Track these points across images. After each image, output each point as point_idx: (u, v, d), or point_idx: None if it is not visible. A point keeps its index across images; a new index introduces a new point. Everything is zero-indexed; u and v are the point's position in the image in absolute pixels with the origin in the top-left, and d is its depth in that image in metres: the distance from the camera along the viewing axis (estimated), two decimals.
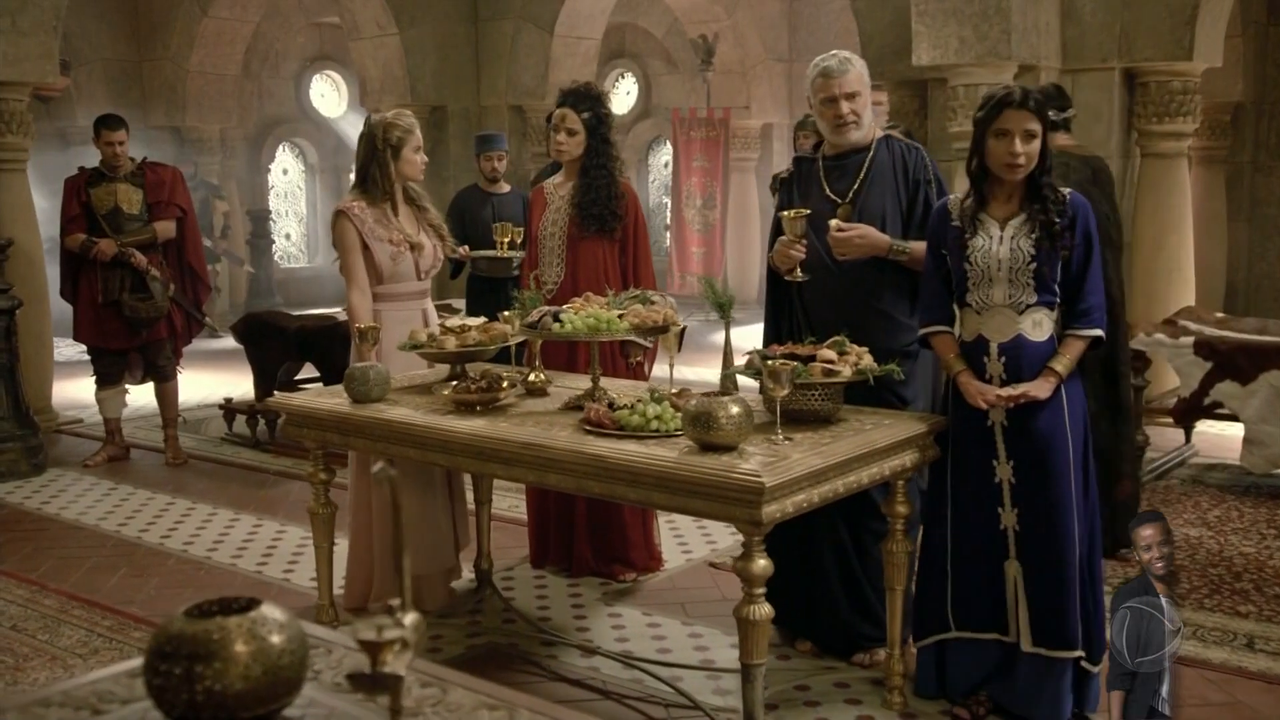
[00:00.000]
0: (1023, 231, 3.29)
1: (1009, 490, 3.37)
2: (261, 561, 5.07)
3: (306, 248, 16.31)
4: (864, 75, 3.78)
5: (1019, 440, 3.34)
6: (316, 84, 15.98)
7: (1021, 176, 3.27)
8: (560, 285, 4.59)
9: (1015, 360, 3.32)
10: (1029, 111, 3.23)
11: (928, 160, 3.83)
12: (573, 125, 4.54)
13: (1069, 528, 3.30)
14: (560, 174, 4.78)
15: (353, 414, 3.68)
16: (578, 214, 4.58)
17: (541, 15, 9.94)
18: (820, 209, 3.78)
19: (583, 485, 3.20)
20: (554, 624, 4.29)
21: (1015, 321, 3.32)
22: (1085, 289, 3.32)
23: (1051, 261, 3.27)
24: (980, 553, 3.42)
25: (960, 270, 3.37)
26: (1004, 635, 3.43)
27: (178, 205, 6.59)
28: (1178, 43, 7.03)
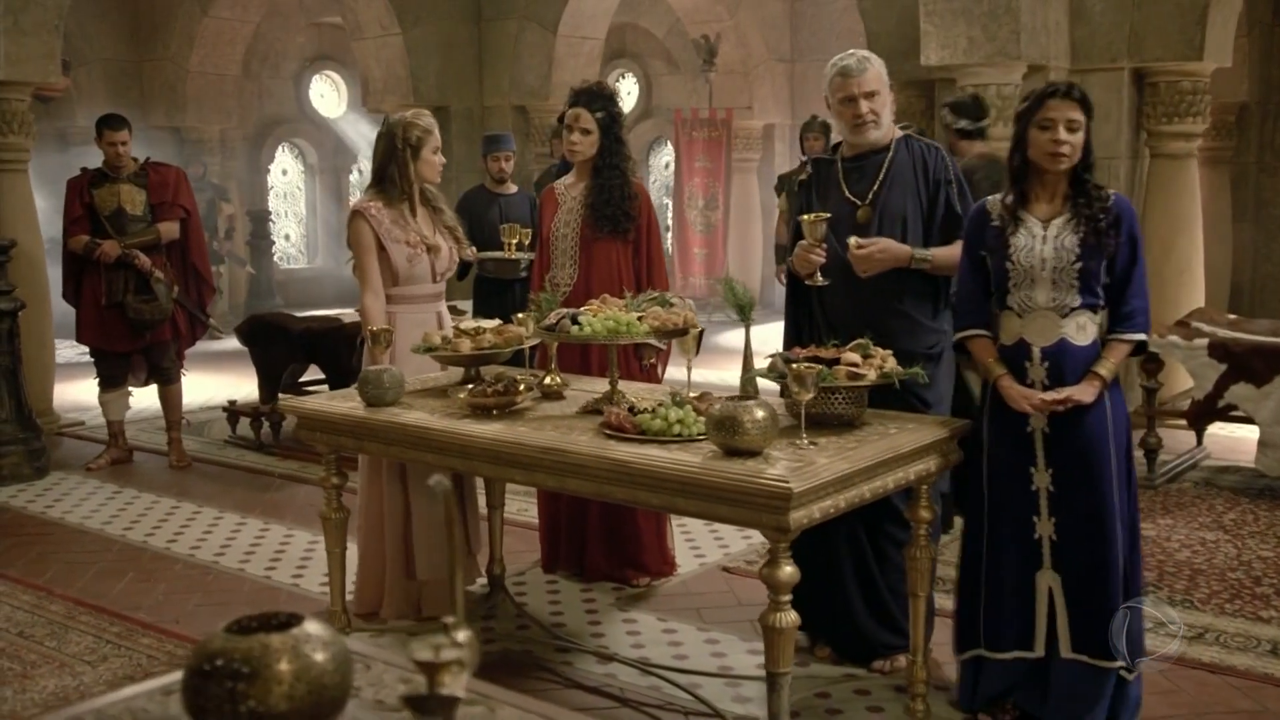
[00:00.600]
0: (1067, 229, 3.24)
1: (1046, 498, 3.30)
2: (270, 566, 5.01)
3: (306, 249, 16.25)
4: (883, 74, 3.74)
5: (1060, 447, 3.28)
6: (316, 84, 15.92)
7: (1066, 166, 3.22)
8: (574, 287, 4.53)
9: (1058, 365, 3.26)
10: (1073, 101, 3.20)
11: (948, 160, 3.78)
12: (587, 125, 4.48)
13: (1112, 535, 3.24)
14: (571, 174, 4.73)
15: (368, 418, 3.63)
16: (591, 215, 4.53)
17: (545, 15, 9.89)
18: (839, 211, 3.74)
19: (604, 490, 3.15)
20: (568, 630, 4.24)
21: (1058, 325, 3.26)
22: (1129, 291, 3.26)
23: (1096, 261, 3.21)
24: (1011, 564, 3.35)
25: (1002, 270, 3.30)
26: (1027, 652, 3.35)
27: (181, 206, 6.53)
28: (1188, 42, 6.99)
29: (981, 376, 3.47)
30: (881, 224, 3.71)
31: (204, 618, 4.40)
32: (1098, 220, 3.20)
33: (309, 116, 15.75)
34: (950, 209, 3.71)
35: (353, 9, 10.00)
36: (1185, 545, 5.00)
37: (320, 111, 15.89)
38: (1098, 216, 3.20)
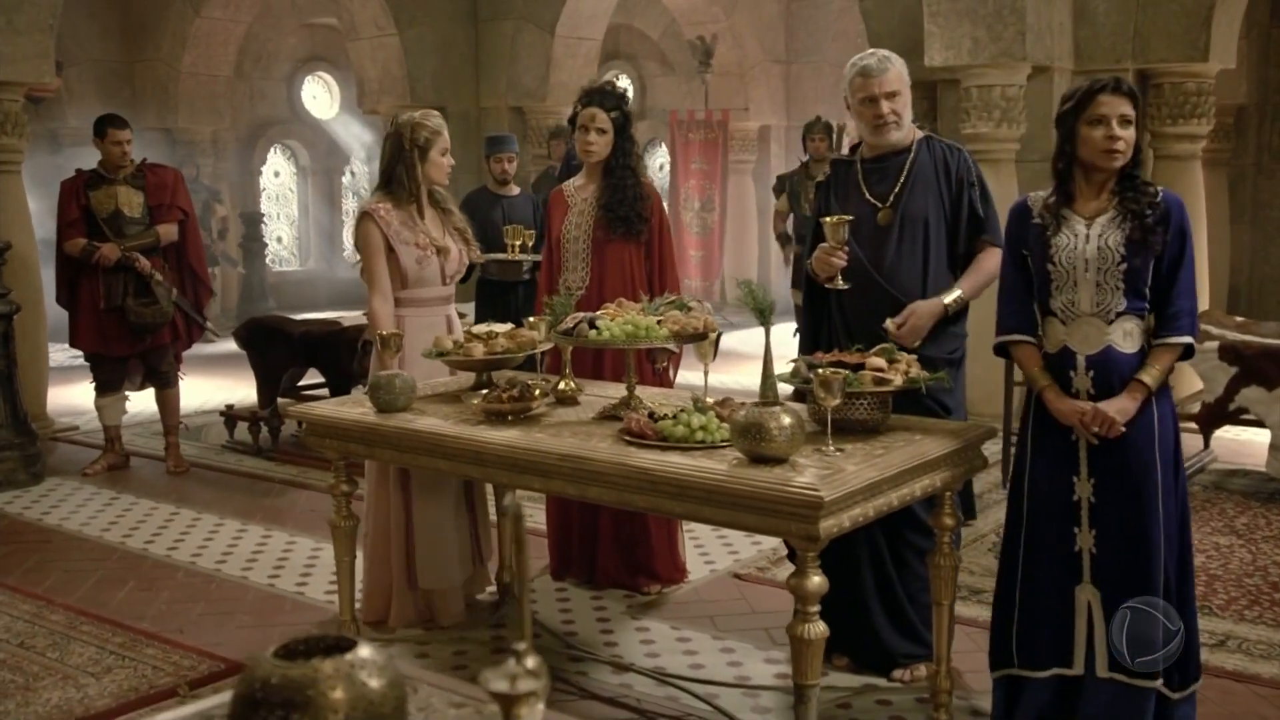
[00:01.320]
0: (1112, 227, 3.09)
1: (1087, 509, 3.17)
2: (273, 574, 4.93)
3: (298, 251, 16.14)
4: (904, 74, 3.68)
5: (1103, 456, 3.13)
6: (308, 85, 15.81)
7: (1121, 164, 3.08)
8: (586, 289, 4.47)
9: (1105, 374, 3.11)
10: (1124, 96, 3.06)
11: (970, 161, 3.71)
12: (603, 124, 4.42)
13: (1155, 550, 3.09)
14: (581, 176, 4.65)
15: (379, 424, 3.56)
16: (604, 216, 4.46)
17: (542, 16, 9.82)
18: (860, 213, 3.68)
19: (625, 499, 3.08)
20: (581, 639, 4.17)
21: (1104, 332, 3.11)
22: (1175, 291, 3.09)
23: (1144, 261, 3.06)
24: (1049, 577, 3.22)
25: (1043, 272, 3.16)
26: (1065, 669, 3.22)
27: (180, 208, 6.45)
28: (1193, 44, 6.97)
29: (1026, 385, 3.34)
30: (903, 227, 3.65)
31: (208, 627, 4.32)
32: (1145, 216, 3.05)
33: (301, 118, 15.65)
34: (973, 211, 3.66)
35: (348, 9, 9.93)
36: (1199, 550, 4.95)
37: (312, 113, 15.78)
38: (1145, 212, 3.06)
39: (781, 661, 3.92)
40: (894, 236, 3.66)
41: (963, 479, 3.30)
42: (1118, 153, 3.07)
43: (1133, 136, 3.08)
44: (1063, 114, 3.15)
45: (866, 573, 3.73)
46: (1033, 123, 7.12)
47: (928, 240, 3.65)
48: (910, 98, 3.71)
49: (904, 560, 3.73)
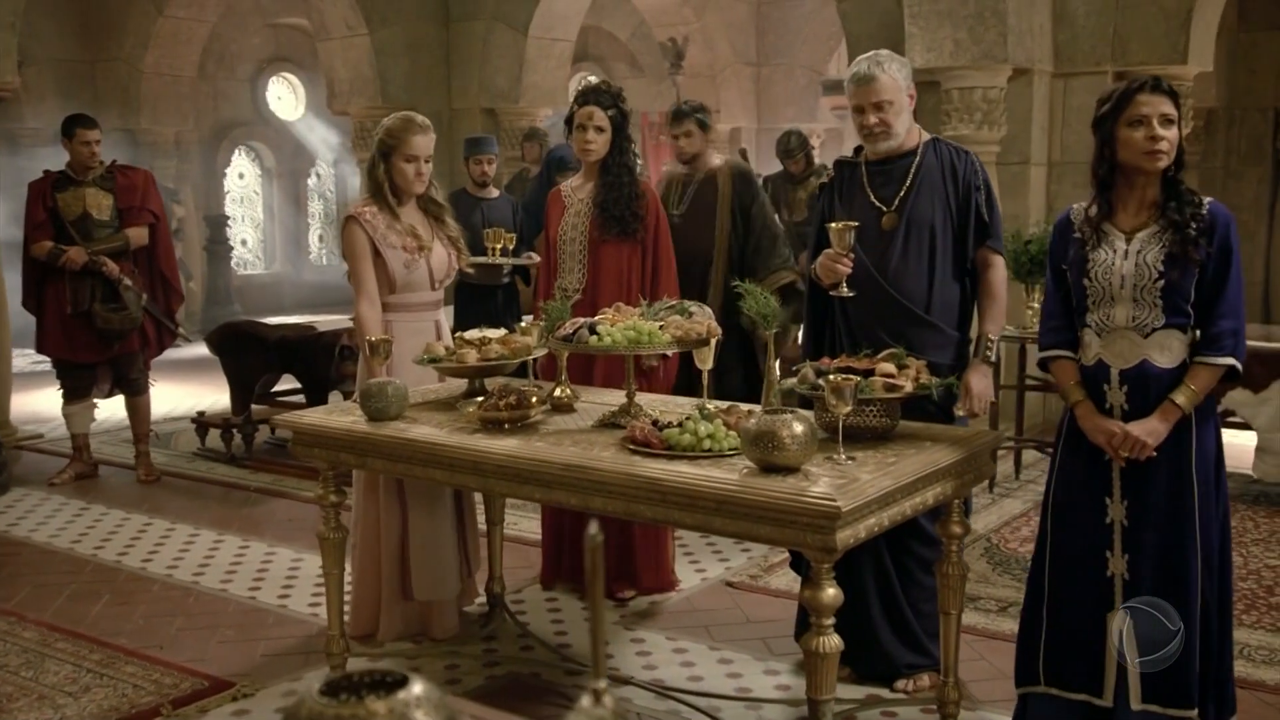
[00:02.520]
0: (1152, 244, 2.96)
1: (1120, 533, 3.05)
2: (254, 586, 4.80)
3: (264, 254, 15.93)
4: (899, 79, 3.55)
5: (1138, 478, 3.01)
6: (273, 86, 15.62)
7: (1165, 164, 2.93)
8: (582, 291, 4.40)
9: (1140, 390, 2.99)
10: (1164, 94, 2.92)
11: (978, 165, 3.64)
12: (601, 123, 4.35)
13: (1191, 576, 2.97)
14: (579, 175, 4.60)
15: (371, 433, 3.45)
16: (600, 217, 4.39)
17: (515, 16, 9.71)
18: (864, 217, 3.61)
19: (632, 510, 2.99)
20: (575, 650, 4.08)
21: (1140, 346, 2.98)
22: (1218, 309, 2.92)
23: (1184, 277, 2.91)
24: (1082, 602, 3.10)
25: (1080, 287, 3.05)
26: (1096, 697, 3.10)
27: (150, 210, 6.29)
28: (1173, 46, 6.97)
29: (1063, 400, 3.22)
30: (908, 232, 3.58)
31: (189, 643, 4.19)
32: (1187, 228, 2.91)
33: (266, 119, 15.45)
34: (979, 217, 3.58)
35: (318, 9, 9.77)
36: None
37: (278, 114, 15.59)
38: (1188, 223, 2.91)
39: (781, 672, 3.85)
40: (899, 241, 3.59)
41: (972, 486, 3.25)
42: (1161, 153, 2.91)
43: (1175, 137, 2.93)
44: (1100, 117, 3.00)
45: (870, 581, 3.67)
46: (1013, 125, 7.11)
47: (934, 245, 3.58)
48: (905, 103, 3.58)
49: (907, 569, 3.68)
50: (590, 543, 1.02)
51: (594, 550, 1.04)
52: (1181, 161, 2.97)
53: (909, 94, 3.61)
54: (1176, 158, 2.96)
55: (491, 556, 4.35)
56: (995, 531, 5.28)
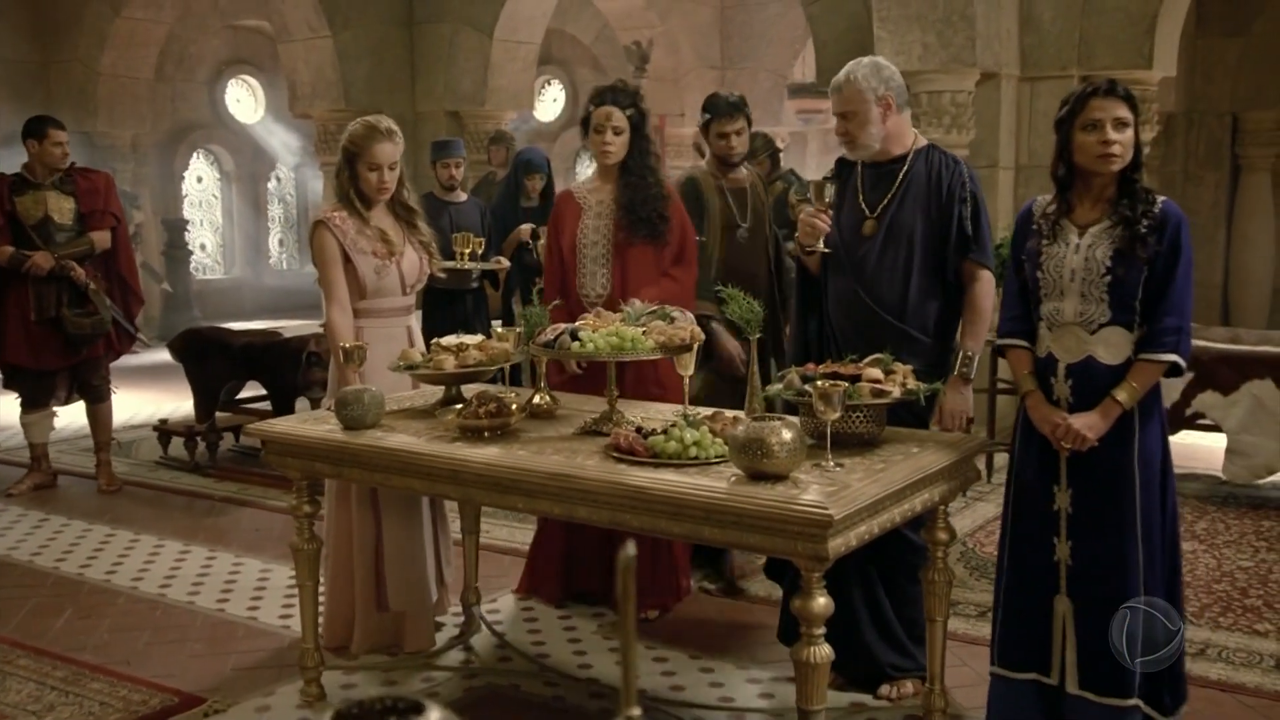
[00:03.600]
0: (1102, 240, 3.04)
1: (1065, 520, 3.14)
2: (222, 598, 4.70)
3: (223, 259, 15.72)
4: (864, 91, 3.51)
5: (1081, 468, 3.11)
6: (232, 89, 15.42)
7: (1118, 167, 3.01)
8: (608, 296, 4.23)
9: (1083, 384, 3.08)
10: (1118, 98, 3.01)
11: (966, 177, 3.56)
12: (619, 124, 4.20)
13: (1130, 563, 3.05)
14: (594, 178, 4.44)
15: (348, 442, 3.37)
16: (625, 219, 4.24)
17: (480, 18, 9.63)
18: (851, 219, 3.62)
19: (617, 519, 2.94)
20: (553, 660, 4.02)
21: (1086, 342, 3.07)
22: (1163, 307, 3.00)
23: (1131, 274, 3.00)
24: (1030, 585, 3.21)
25: (1034, 279, 3.15)
26: (1043, 676, 3.20)
27: (112, 214, 6.16)
28: (1138, 51, 7.02)
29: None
30: (887, 240, 3.56)
31: (157, 657, 4.09)
32: (1136, 224, 2.98)
33: (225, 122, 15.26)
34: (961, 229, 3.50)
35: (280, 11, 9.64)
36: None
37: (237, 117, 15.40)
38: (1138, 220, 2.98)
39: (764, 681, 3.81)
40: (877, 247, 3.57)
41: (958, 492, 3.22)
42: (1113, 156, 3.00)
43: (1130, 139, 3.02)
44: (1059, 120, 3.10)
45: (855, 586, 3.63)
46: (981, 128, 7.13)
47: (911, 255, 3.54)
48: (873, 113, 3.52)
49: (891, 574, 3.64)
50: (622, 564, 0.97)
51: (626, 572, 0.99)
52: (1138, 162, 3.04)
53: (883, 104, 3.52)
54: (1135, 159, 3.03)
55: (466, 566, 4.29)
56: (970, 535, 5.27)
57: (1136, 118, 3.04)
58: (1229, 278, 11.10)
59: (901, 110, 3.58)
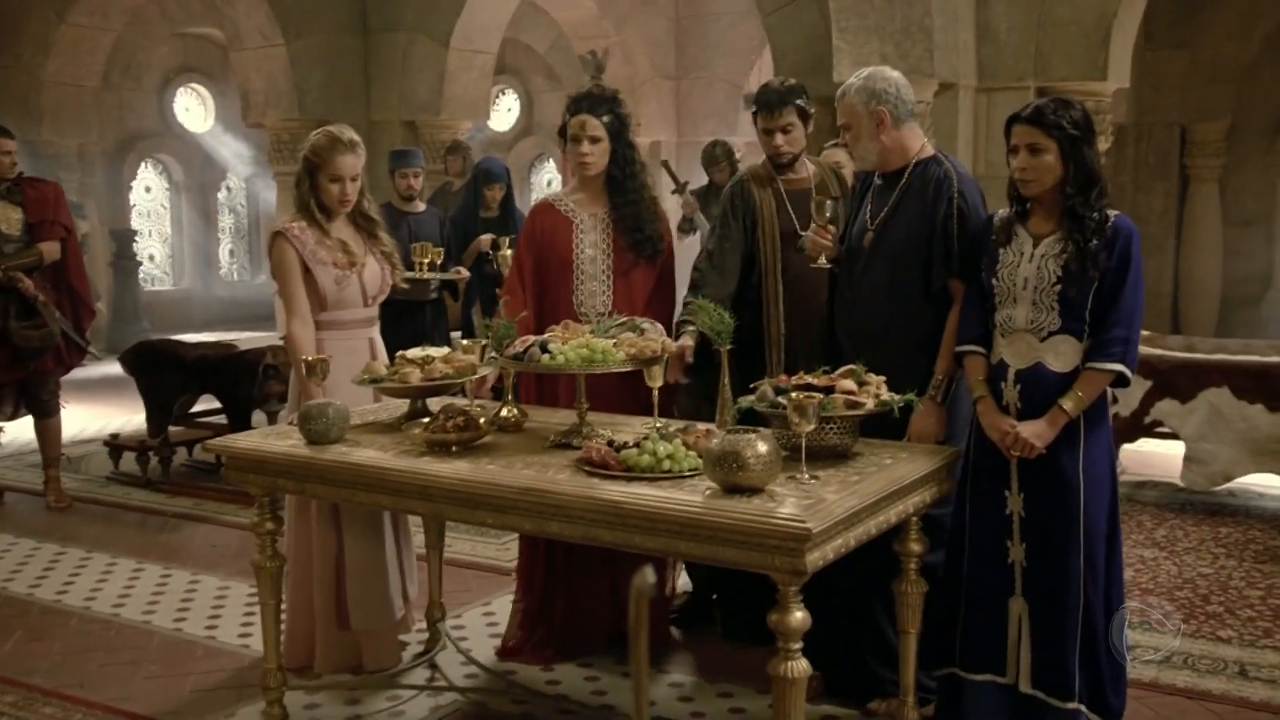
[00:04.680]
0: (1054, 251, 3.13)
1: (1018, 523, 3.23)
2: (179, 617, 4.59)
3: (172, 270, 15.48)
4: (855, 105, 3.50)
5: (1031, 473, 3.20)
6: (181, 97, 15.20)
7: (1033, 192, 3.13)
8: (609, 315, 3.95)
9: (1030, 390, 3.16)
10: (1033, 125, 3.10)
11: (957, 190, 3.45)
12: (595, 132, 3.94)
13: (1072, 568, 3.15)
14: (577, 189, 4.12)
15: (313, 458, 3.30)
16: (629, 239, 4.01)
17: (436, 27, 9.55)
18: (858, 230, 3.64)
19: (590, 534, 2.89)
20: (521, 677, 3.96)
21: (1035, 349, 3.16)
22: (1111, 318, 3.08)
23: (1080, 286, 3.09)
24: (988, 587, 3.29)
25: (989, 285, 3.23)
26: (999, 676, 3.28)
27: (62, 224, 6.02)
28: (1093, 63, 7.09)
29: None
30: (879, 252, 3.54)
31: (112, 680, 3.99)
32: (1083, 243, 3.07)
33: (174, 131, 15.04)
34: (947, 244, 3.44)
35: (232, 18, 9.50)
36: (1126, 564, 4.97)
37: (186, 126, 15.18)
38: (1084, 239, 3.07)
39: (734, 695, 3.78)
40: (870, 259, 3.56)
41: (933, 503, 3.21)
42: (1025, 181, 3.13)
43: (1046, 164, 3.09)
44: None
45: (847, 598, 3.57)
46: (939, 139, 7.12)
47: (896, 268, 3.50)
48: (868, 126, 3.50)
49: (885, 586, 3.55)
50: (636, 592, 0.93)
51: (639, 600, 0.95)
52: (1082, 182, 3.07)
53: (876, 118, 3.48)
54: (1074, 178, 3.07)
55: (431, 581, 4.21)
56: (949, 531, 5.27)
57: (1062, 142, 3.07)
58: (1178, 287, 11.26)
59: (902, 123, 3.51)
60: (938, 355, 3.46)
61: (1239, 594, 4.64)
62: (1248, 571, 4.93)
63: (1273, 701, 3.70)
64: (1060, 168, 3.09)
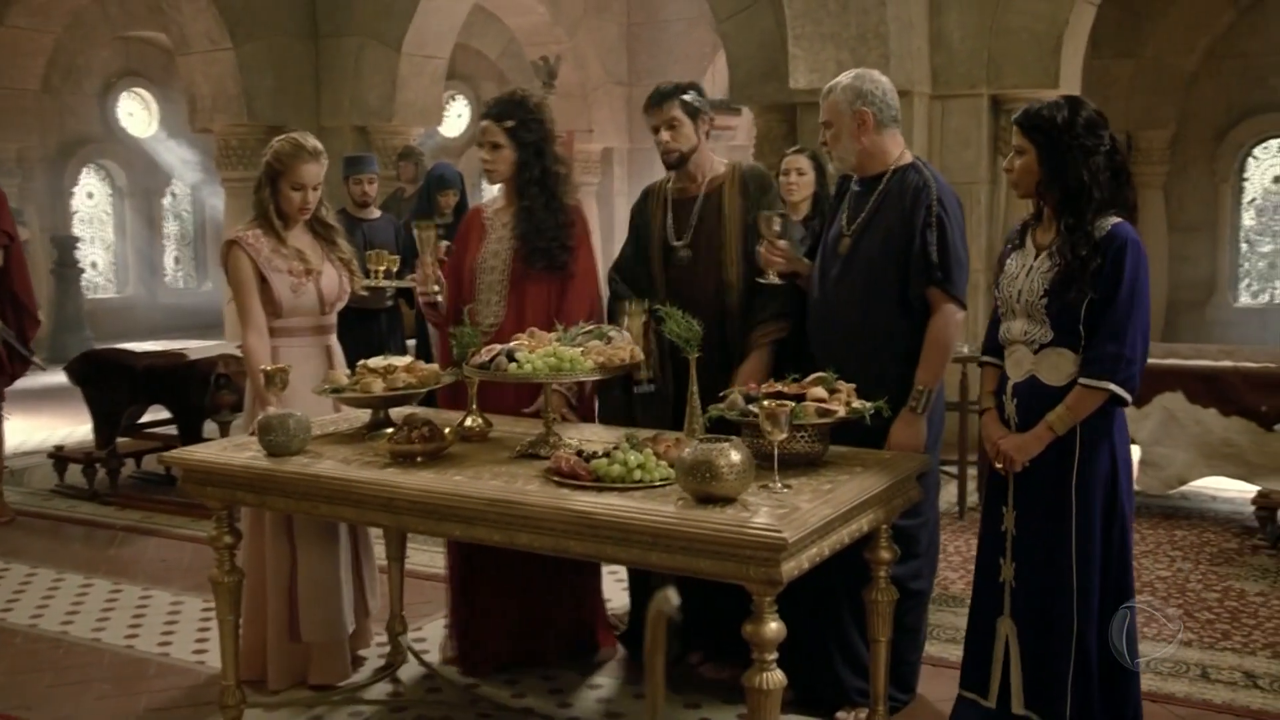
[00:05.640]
0: (1048, 261, 3.04)
1: (1010, 541, 3.15)
2: (130, 633, 4.47)
3: (116, 277, 15.20)
4: (840, 104, 3.46)
5: (1024, 489, 3.12)
6: (124, 102, 14.94)
7: (1020, 194, 3.10)
8: (500, 328, 3.84)
9: (1027, 403, 3.08)
10: (1015, 125, 3.06)
11: (935, 198, 3.40)
12: (495, 138, 3.85)
13: (1063, 589, 3.04)
14: (500, 197, 4.11)
15: (274, 470, 3.22)
16: (523, 248, 3.88)
17: (387, 32, 9.46)
18: (833, 235, 3.61)
19: (561, 545, 2.85)
20: (485, 690, 3.90)
21: (1030, 361, 3.08)
22: (1101, 333, 2.95)
23: (1064, 299, 2.97)
24: (980, 605, 3.24)
25: (996, 296, 3.20)
26: (981, 698, 3.22)
27: (5, 231, 5.87)
28: (1045, 70, 7.16)
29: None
30: (854, 259, 3.51)
31: (61, 700, 3.87)
32: (1069, 255, 2.96)
33: (117, 136, 14.79)
34: (925, 254, 3.38)
35: (178, 22, 9.35)
36: None
37: (129, 131, 14.92)
38: (1075, 249, 2.95)
39: (702, 706, 3.74)
40: (844, 266, 3.53)
41: (900, 511, 3.20)
42: (1013, 184, 3.11)
43: (1025, 166, 3.04)
44: None
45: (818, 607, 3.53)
46: None
47: (871, 276, 3.46)
48: (850, 126, 3.46)
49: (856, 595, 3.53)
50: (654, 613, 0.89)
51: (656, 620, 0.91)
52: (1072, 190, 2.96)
53: (859, 119, 3.44)
54: (1058, 184, 2.98)
55: (392, 594, 4.14)
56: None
57: (1044, 147, 2.98)
58: None
59: (885, 127, 3.48)
60: (915, 365, 3.42)
61: (1197, 596, 4.69)
62: (1204, 574, 4.98)
63: (1235, 704, 3.73)
64: (1038, 171, 3.02)
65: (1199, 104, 11.44)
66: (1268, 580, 4.91)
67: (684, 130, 3.76)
